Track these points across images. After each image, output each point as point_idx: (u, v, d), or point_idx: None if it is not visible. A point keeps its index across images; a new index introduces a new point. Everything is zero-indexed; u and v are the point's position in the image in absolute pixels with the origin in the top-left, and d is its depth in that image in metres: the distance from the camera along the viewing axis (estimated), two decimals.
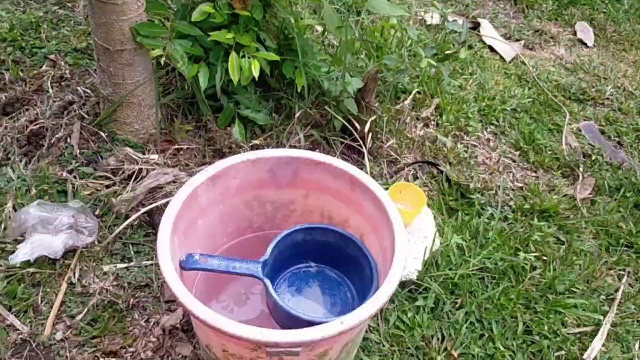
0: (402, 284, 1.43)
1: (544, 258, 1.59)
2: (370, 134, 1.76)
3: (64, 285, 1.34)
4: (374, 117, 1.77)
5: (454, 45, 1.92)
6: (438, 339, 1.34)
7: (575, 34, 2.83)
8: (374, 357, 1.28)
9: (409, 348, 1.31)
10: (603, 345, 1.41)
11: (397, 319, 1.37)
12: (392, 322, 1.35)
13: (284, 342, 0.83)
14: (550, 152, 2.01)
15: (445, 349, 1.31)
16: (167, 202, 1.08)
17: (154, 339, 1.27)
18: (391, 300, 1.40)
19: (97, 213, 1.50)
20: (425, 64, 1.66)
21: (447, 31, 2.17)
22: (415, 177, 1.80)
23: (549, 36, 2.77)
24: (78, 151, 1.62)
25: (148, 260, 1.43)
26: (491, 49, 2.59)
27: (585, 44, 2.76)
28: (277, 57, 1.59)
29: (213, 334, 0.95)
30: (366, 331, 1.34)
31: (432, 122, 2.05)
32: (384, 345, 1.31)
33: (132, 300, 1.34)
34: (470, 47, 2.55)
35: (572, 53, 2.67)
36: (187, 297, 0.89)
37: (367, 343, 1.31)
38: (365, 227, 1.18)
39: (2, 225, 1.44)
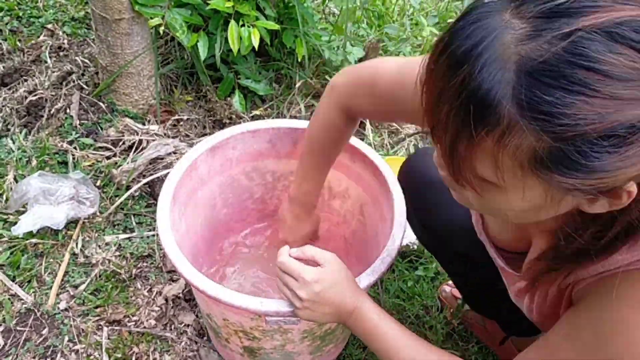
0: (403, 254, 1.44)
1: None
2: None
3: (67, 256, 1.35)
4: None
5: (456, 13, 1.89)
6: (437, 308, 1.35)
7: None
8: None
9: (409, 317, 1.33)
10: None
11: (398, 289, 1.38)
12: (393, 292, 1.37)
13: (284, 311, 0.84)
14: None
15: (445, 317, 1.33)
16: (168, 173, 1.08)
17: (156, 308, 1.29)
18: (392, 270, 1.41)
19: (98, 184, 1.50)
20: (427, 33, 1.64)
21: None
22: (417, 148, 1.80)
23: None
24: (78, 122, 1.61)
25: (150, 230, 1.44)
26: None
27: None
28: (277, 26, 1.57)
29: (213, 303, 0.96)
30: None
31: None
32: None
33: (134, 270, 1.35)
34: None
35: None
36: (187, 267, 0.89)
37: None
38: (365, 198, 1.18)
39: (4, 197, 1.44)
